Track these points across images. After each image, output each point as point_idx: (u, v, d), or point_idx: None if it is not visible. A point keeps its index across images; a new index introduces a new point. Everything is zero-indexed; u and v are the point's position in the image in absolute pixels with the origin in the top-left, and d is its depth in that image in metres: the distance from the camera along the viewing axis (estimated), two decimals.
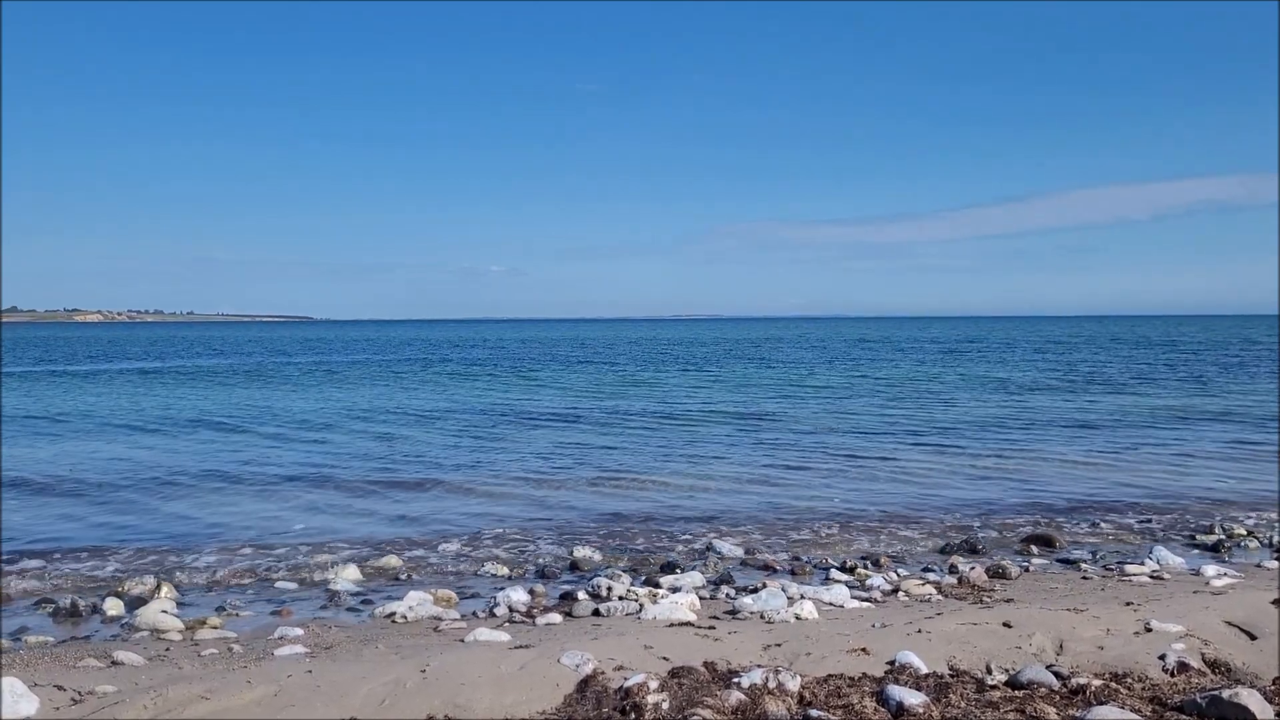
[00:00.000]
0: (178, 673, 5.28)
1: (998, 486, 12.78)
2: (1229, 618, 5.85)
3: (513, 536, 10.04)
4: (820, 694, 4.67)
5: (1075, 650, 5.38)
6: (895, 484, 12.99)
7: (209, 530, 10.34)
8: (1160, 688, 4.75)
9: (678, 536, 10.04)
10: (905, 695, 4.50)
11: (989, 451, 15.94)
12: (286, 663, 5.40)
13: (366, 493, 12.65)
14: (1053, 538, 9.64)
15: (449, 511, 11.36)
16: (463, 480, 13.49)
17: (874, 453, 15.91)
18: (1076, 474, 13.68)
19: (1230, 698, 4.23)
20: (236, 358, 55.03)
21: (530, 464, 14.93)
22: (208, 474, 14.17)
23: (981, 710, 4.41)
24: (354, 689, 4.72)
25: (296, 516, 11.13)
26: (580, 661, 5.04)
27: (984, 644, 5.47)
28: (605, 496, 12.18)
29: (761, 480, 13.40)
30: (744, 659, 5.26)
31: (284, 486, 13.20)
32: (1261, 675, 5.04)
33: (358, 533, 10.25)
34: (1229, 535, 9.75)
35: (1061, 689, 4.74)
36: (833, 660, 5.22)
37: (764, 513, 11.17)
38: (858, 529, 10.39)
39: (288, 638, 6.36)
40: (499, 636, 6.01)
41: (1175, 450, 15.99)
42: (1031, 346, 62.46)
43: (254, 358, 54.80)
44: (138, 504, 11.91)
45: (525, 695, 4.69)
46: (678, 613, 6.66)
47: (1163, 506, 11.42)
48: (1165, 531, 10.14)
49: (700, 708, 4.42)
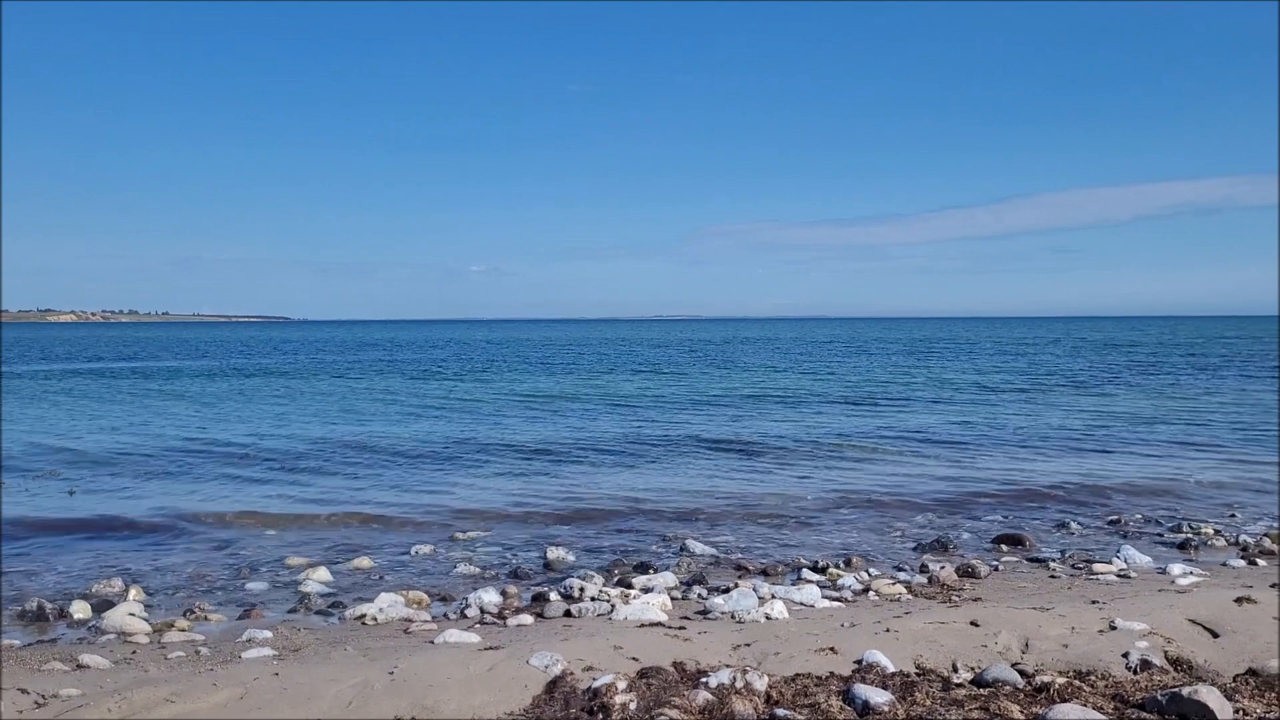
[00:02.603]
0: (143, 676, 5.25)
1: (970, 485, 12.86)
2: (1193, 616, 5.92)
3: (487, 537, 10.03)
4: (787, 693, 4.69)
5: (1040, 649, 5.43)
6: (868, 484, 13.05)
7: (179, 531, 10.27)
8: (1123, 686, 4.80)
9: (651, 537, 10.06)
10: (871, 694, 4.53)
11: (962, 450, 16.05)
12: (254, 665, 5.38)
13: (337, 494, 12.59)
14: (1022, 537, 9.72)
15: (422, 512, 11.32)
16: (437, 481, 13.46)
17: (847, 452, 16.00)
18: (1049, 473, 13.78)
19: (1190, 695, 4.28)
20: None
21: (505, 465, 14.92)
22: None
23: (946, 708, 4.45)
24: (321, 691, 4.71)
25: (268, 513, 11.07)
26: (549, 662, 5.04)
27: (951, 643, 5.52)
28: (580, 498, 12.16)
29: (736, 481, 13.44)
30: (713, 659, 5.28)
31: (255, 486, 13.13)
32: (1223, 673, 5.10)
33: (329, 533, 10.20)
34: (1196, 534, 9.85)
35: (1026, 687, 4.78)
36: (801, 660, 5.24)
37: (738, 513, 11.20)
38: (830, 529, 10.45)
39: (256, 640, 6.33)
40: (469, 638, 6.00)
41: (1146, 450, 16.15)
42: (1001, 347, 62.91)
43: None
44: (102, 504, 11.81)
45: (493, 696, 4.69)
46: (649, 613, 6.67)
47: (1132, 505, 11.55)
48: (1134, 530, 10.26)
49: (667, 708, 4.43)
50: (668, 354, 57.49)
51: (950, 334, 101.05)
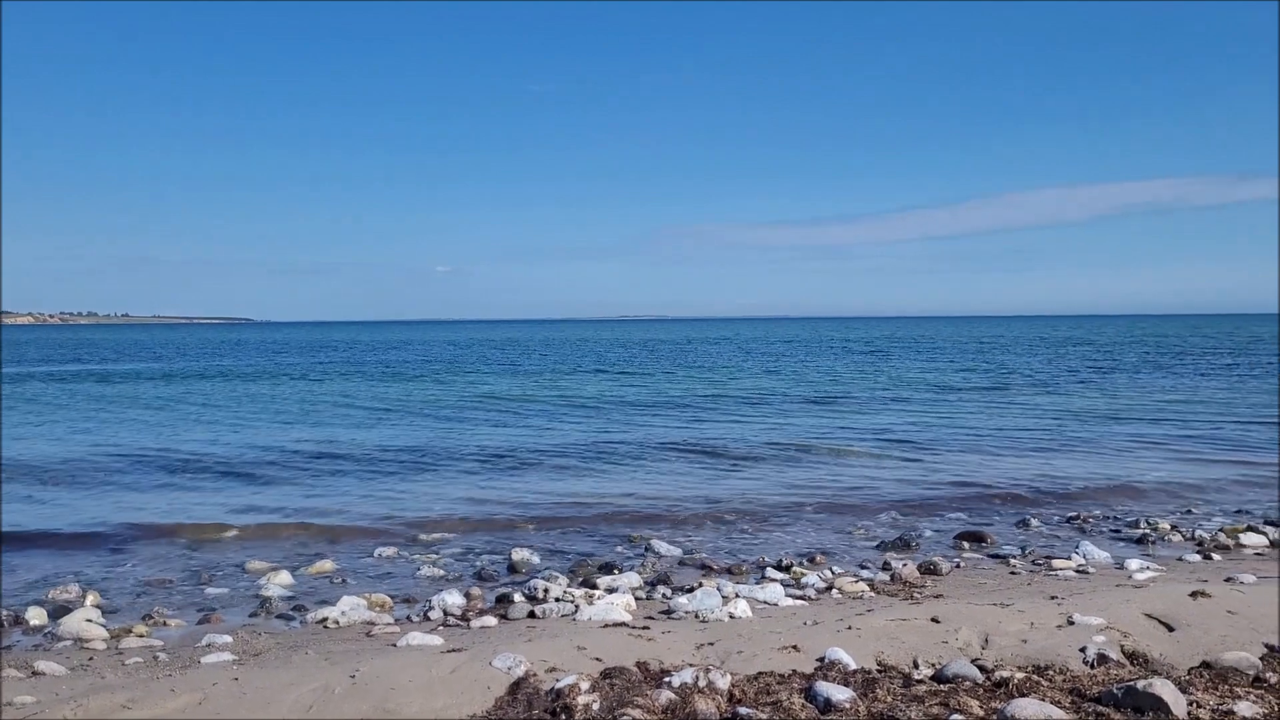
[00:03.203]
0: (100, 682, 5.18)
1: (931, 483, 12.97)
2: (1149, 610, 6.00)
3: (450, 540, 9.96)
4: (750, 692, 4.71)
5: (1000, 644, 5.49)
6: (831, 483, 13.12)
7: (136, 539, 10.11)
8: (1080, 680, 4.86)
9: (616, 538, 10.05)
10: (833, 691, 4.56)
11: (923, 450, 16.18)
12: (213, 670, 5.32)
13: (298, 499, 12.47)
14: (984, 534, 9.82)
15: (387, 513, 11.24)
16: (399, 485, 13.35)
17: (810, 452, 16.07)
18: (1009, 471, 13.92)
19: (1145, 688, 4.34)
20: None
21: (468, 468, 14.84)
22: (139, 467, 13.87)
23: (907, 704, 4.48)
24: (281, 696, 4.67)
25: (229, 518, 10.94)
26: (512, 664, 5.03)
27: (912, 639, 5.56)
28: (544, 501, 12.11)
29: (700, 482, 13.46)
30: (677, 658, 5.28)
31: (214, 488, 12.97)
32: (1178, 666, 5.18)
33: (290, 539, 10.10)
34: (1154, 530, 10.00)
35: (985, 682, 4.83)
36: (764, 658, 5.26)
37: (702, 514, 11.21)
38: (794, 527, 10.50)
39: (215, 645, 6.26)
40: (432, 640, 5.97)
41: (1104, 447, 16.36)
42: (961, 346, 63.49)
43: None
44: (55, 513, 11.63)
45: (456, 699, 4.67)
46: (613, 613, 6.67)
47: (1092, 502, 11.71)
48: (1093, 527, 10.40)
49: (630, 708, 4.43)
50: (629, 354, 57.42)
51: (910, 333, 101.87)
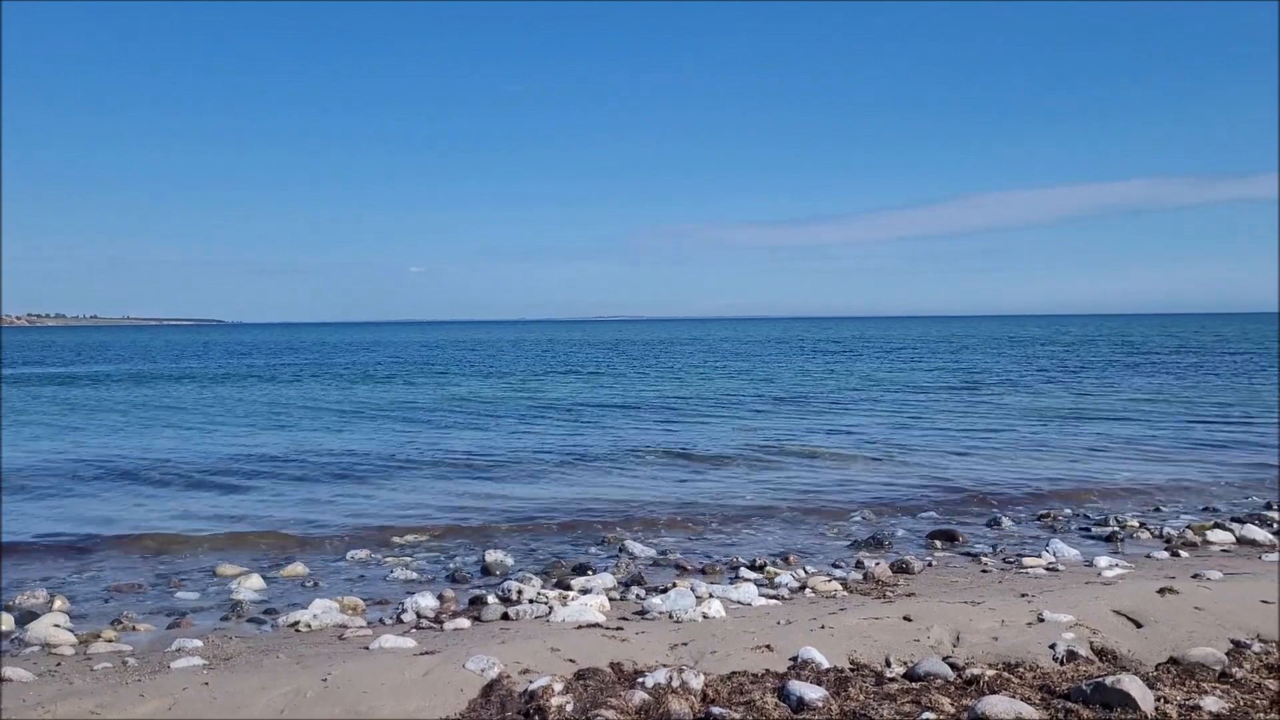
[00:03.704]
0: (68, 688, 5.12)
1: (903, 483, 13.05)
2: (1117, 607, 6.07)
3: (423, 543, 9.93)
4: (723, 691, 4.72)
5: (971, 642, 5.53)
6: (804, 483, 13.18)
7: (104, 545, 9.99)
8: (1050, 676, 4.91)
9: (590, 540, 10.05)
10: (806, 690, 4.58)
11: (896, 449, 16.27)
12: (183, 675, 5.27)
13: (268, 503, 12.37)
14: (956, 533, 9.88)
15: (358, 516, 11.18)
16: (370, 488, 13.25)
17: (784, 453, 16.12)
18: (981, 471, 14.04)
19: (1113, 684, 4.39)
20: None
21: (440, 471, 14.78)
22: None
23: (879, 703, 4.51)
24: (252, 700, 4.63)
25: (199, 524, 10.84)
26: (485, 666, 5.01)
27: (884, 638, 5.59)
28: (518, 504, 12.08)
29: (674, 483, 13.47)
30: (650, 659, 5.29)
31: (185, 491, 12.85)
32: (1146, 662, 5.24)
33: (260, 543, 10.01)
34: (1122, 527, 10.11)
35: (957, 680, 4.87)
36: (737, 658, 5.28)
37: (677, 513, 11.23)
38: (768, 527, 10.53)
39: (185, 649, 6.20)
40: (405, 643, 5.94)
41: (1074, 446, 16.51)
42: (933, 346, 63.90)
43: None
44: (24, 510, 11.48)
45: (428, 701, 4.65)
46: (587, 614, 6.66)
47: (1062, 501, 11.83)
48: (1063, 525, 10.49)
49: (604, 708, 4.43)
50: (601, 355, 57.38)
51: (886, 333, 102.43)
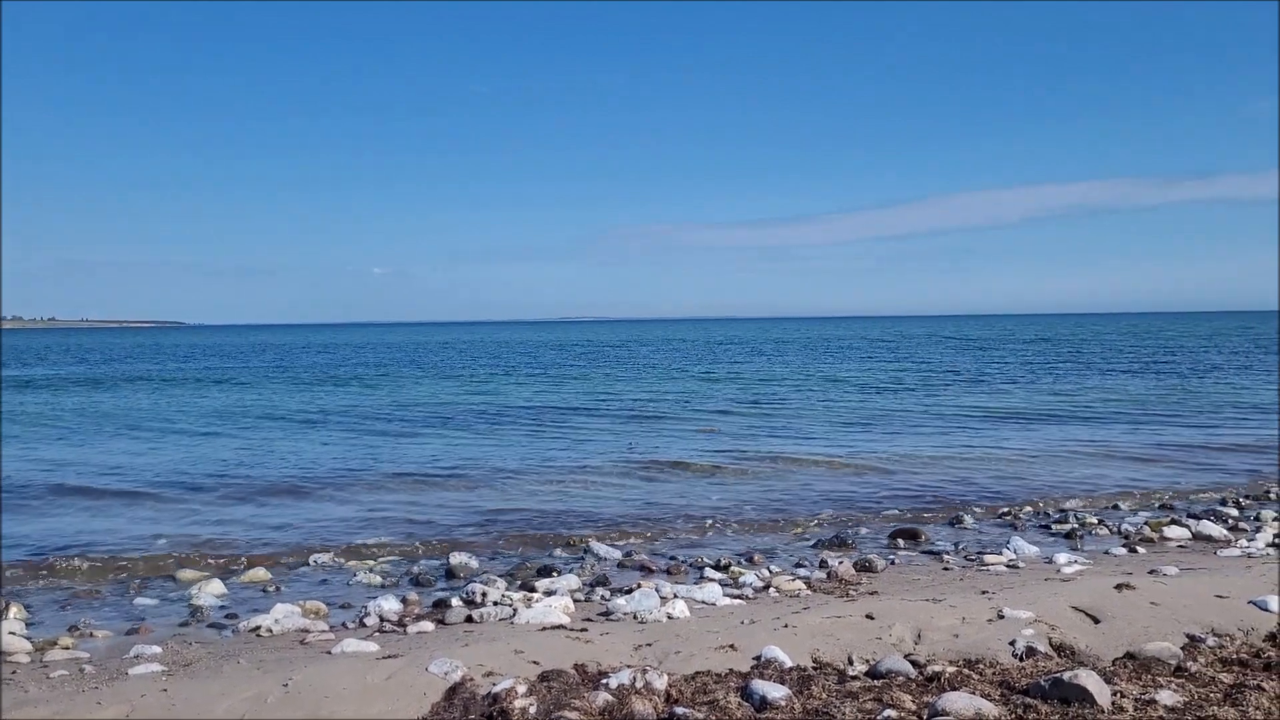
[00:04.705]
0: (23, 696, 5.04)
1: (867, 483, 13.15)
2: (1075, 603, 6.15)
3: (388, 544, 9.85)
4: (687, 692, 4.74)
5: (932, 639, 5.58)
6: (769, 482, 13.25)
7: (62, 544, 9.85)
8: (1009, 672, 4.97)
9: (556, 542, 10.03)
10: (769, 689, 4.60)
11: (860, 449, 16.38)
12: (141, 682, 5.20)
13: (233, 501, 12.24)
14: (918, 531, 9.97)
15: (321, 519, 11.09)
16: (332, 493, 13.11)
17: (749, 455, 16.17)
18: (944, 469, 14.18)
19: (1071, 679, 4.45)
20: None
21: (405, 470, 14.69)
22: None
23: (841, 701, 4.54)
24: (211, 706, 4.59)
25: (157, 527, 10.70)
26: (449, 669, 5.00)
27: (847, 636, 5.63)
28: (483, 501, 12.06)
29: (639, 481, 13.49)
30: (614, 660, 5.30)
31: (142, 495, 12.68)
32: (1103, 657, 5.32)
33: (223, 544, 9.91)
34: (1081, 524, 10.24)
35: (918, 677, 4.92)
36: (701, 658, 5.30)
37: (642, 514, 11.25)
38: (732, 527, 10.57)
39: (144, 656, 6.12)
40: (367, 647, 5.91)
41: (1035, 444, 16.71)
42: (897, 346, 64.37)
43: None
44: None
45: (391, 705, 4.63)
46: (551, 616, 6.65)
47: (1022, 498, 11.96)
48: (1023, 522, 10.62)
49: (567, 710, 4.43)
50: (567, 357, 57.20)
51: (851, 333, 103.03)
